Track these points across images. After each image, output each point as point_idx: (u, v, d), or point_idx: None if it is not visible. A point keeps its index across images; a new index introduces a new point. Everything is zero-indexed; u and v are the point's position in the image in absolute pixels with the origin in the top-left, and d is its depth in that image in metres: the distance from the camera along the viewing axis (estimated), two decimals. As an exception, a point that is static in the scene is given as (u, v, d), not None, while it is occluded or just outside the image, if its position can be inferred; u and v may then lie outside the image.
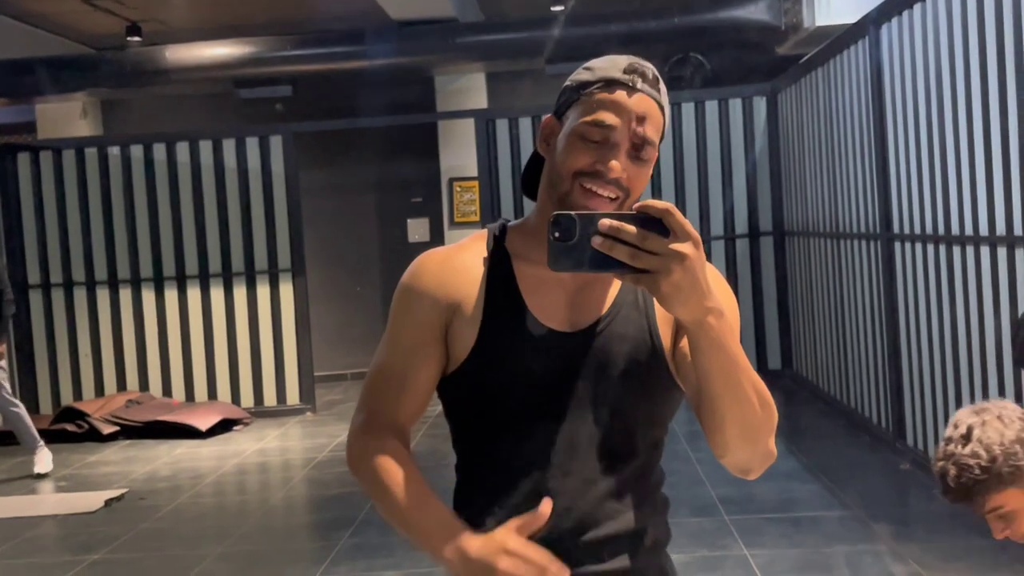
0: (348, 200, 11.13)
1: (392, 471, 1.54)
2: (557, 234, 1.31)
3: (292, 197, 9.18)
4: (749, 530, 5.16)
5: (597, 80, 1.52)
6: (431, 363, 1.58)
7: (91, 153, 9.35)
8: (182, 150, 9.28)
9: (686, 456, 6.71)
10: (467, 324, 1.55)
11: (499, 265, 1.59)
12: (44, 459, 7.34)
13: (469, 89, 10.47)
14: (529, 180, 1.67)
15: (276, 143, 9.19)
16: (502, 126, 9.26)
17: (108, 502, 6.48)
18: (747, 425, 1.42)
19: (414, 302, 1.59)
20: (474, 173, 9.69)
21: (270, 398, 9.22)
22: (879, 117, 6.33)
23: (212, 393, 9.25)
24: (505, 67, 9.96)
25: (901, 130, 6.02)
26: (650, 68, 1.53)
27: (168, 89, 9.71)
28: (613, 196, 1.50)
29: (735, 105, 9.15)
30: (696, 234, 1.30)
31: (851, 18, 7.16)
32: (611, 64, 1.53)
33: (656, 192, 9.07)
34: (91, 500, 6.54)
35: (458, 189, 10.37)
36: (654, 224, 1.29)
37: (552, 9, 9.76)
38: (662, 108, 1.54)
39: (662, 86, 1.54)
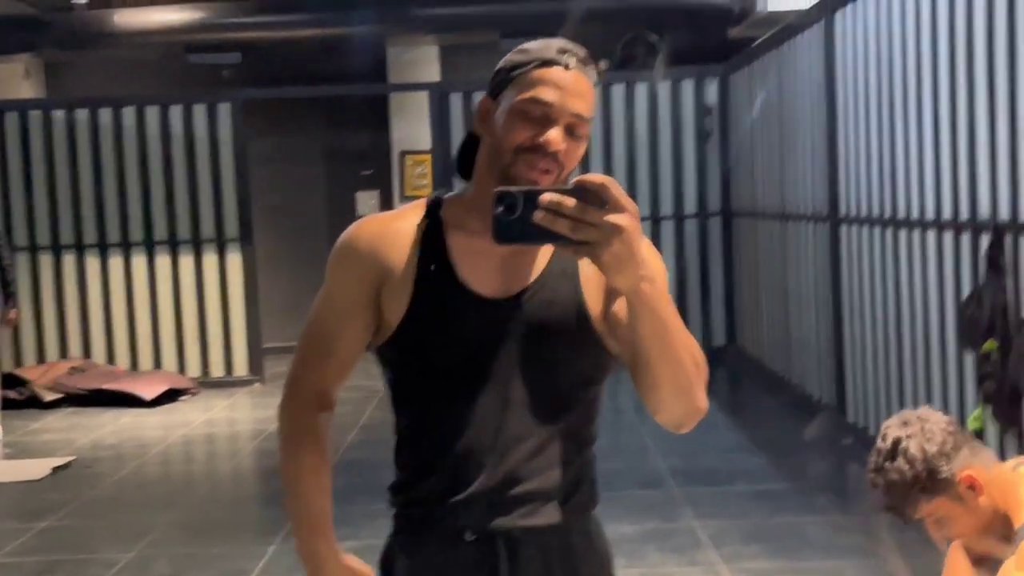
0: (297, 170, 11.08)
1: (304, 446, 1.73)
2: (501, 209, 1.37)
3: (240, 165, 9.12)
4: (697, 501, 5.31)
5: (532, 60, 1.59)
6: (359, 327, 1.66)
7: (35, 116, 9.18)
8: (128, 115, 9.15)
9: (635, 428, 6.84)
10: (398, 290, 1.62)
11: (433, 233, 1.65)
12: None
13: (421, 61, 10.46)
14: (463, 160, 1.72)
15: (225, 110, 9.11)
16: (456, 100, 9.25)
17: (55, 469, 6.42)
18: (680, 383, 1.51)
19: (347, 266, 1.66)
20: (426, 146, 9.69)
21: (217, 368, 9.18)
22: (830, 101, 6.47)
23: (158, 362, 9.18)
24: (459, 40, 9.96)
25: (852, 114, 6.17)
26: (582, 49, 1.61)
27: (116, 53, 9.58)
28: (549, 169, 1.57)
29: (687, 86, 9.26)
30: (633, 206, 1.36)
31: (803, 4, 7.29)
32: (545, 46, 1.60)
33: (608, 170, 9.16)
34: (37, 468, 6.49)
35: (410, 162, 10.37)
36: (592, 197, 1.35)
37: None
38: (594, 85, 1.61)
39: (592, 67, 1.61)
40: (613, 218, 1.34)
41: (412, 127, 10.31)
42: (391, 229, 1.66)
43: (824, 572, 4.43)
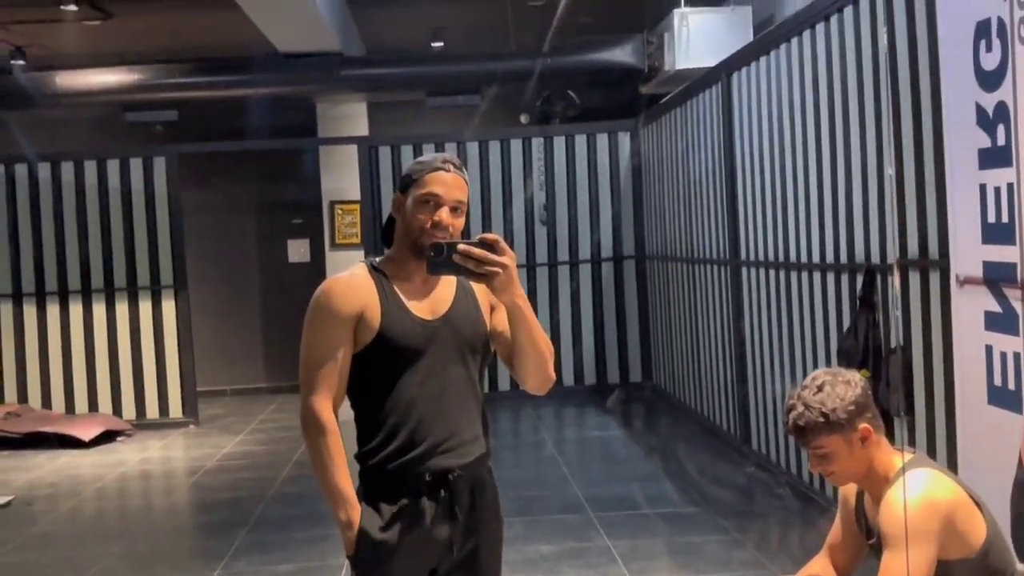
0: (231, 220, 11.41)
1: (328, 448, 2.44)
2: (433, 253, 2.35)
3: (175, 216, 9.46)
4: (611, 524, 5.69)
5: (425, 168, 2.48)
6: (349, 351, 2.47)
7: (-27, 170, 9.46)
8: (67, 170, 9.47)
9: (554, 461, 7.27)
10: (371, 319, 2.45)
11: (382, 282, 2.49)
12: None
13: (350, 116, 10.89)
14: (386, 233, 2.60)
15: (160, 164, 9.47)
16: (384, 152, 9.75)
17: (-5, 509, 6.58)
18: (539, 361, 2.50)
19: (331, 314, 2.46)
20: (356, 196, 10.11)
21: (152, 411, 9.44)
22: (729, 155, 7.05)
23: (93, 405, 9.42)
24: (386, 98, 10.43)
25: (748, 167, 6.74)
26: (457, 159, 2.53)
27: (55, 112, 9.85)
28: (444, 236, 2.42)
29: (602, 139, 9.87)
30: (512, 253, 2.36)
31: (707, 62, 7.88)
32: (433, 159, 2.50)
33: (529, 216, 9.73)
34: (-22, 507, 6.63)
35: (339, 212, 10.75)
36: (489, 247, 2.33)
37: (432, 45, 10.29)
38: (466, 181, 2.51)
39: (464, 169, 2.53)
40: (501, 259, 2.34)
41: (341, 178, 10.70)
42: (355, 283, 2.48)
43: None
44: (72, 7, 8.46)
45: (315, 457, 2.44)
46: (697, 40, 8.48)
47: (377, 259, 2.56)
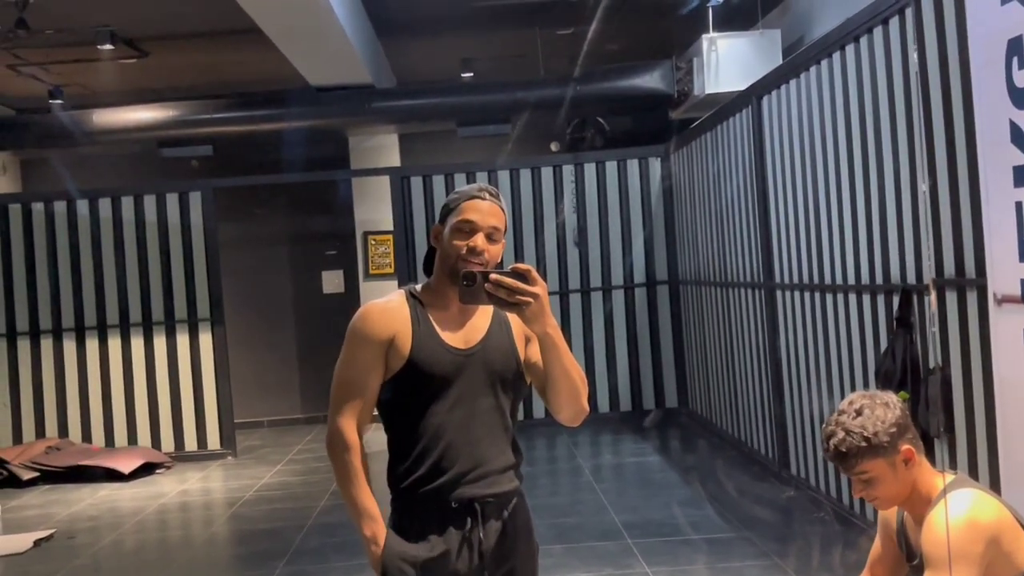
0: (266, 253, 11.52)
1: (352, 465, 2.49)
2: (465, 282, 2.35)
3: (211, 249, 9.56)
4: (650, 551, 5.66)
5: (462, 197, 2.51)
6: (379, 375, 2.50)
7: (14, 209, 9.63)
8: (104, 206, 9.60)
9: (591, 487, 7.24)
10: (402, 345, 2.48)
11: (417, 309, 2.52)
12: None
13: (382, 147, 11.02)
14: (427, 263, 2.63)
15: (196, 198, 9.58)
16: (416, 183, 9.83)
17: (37, 542, 6.64)
18: (572, 392, 2.48)
19: (366, 337, 2.50)
20: (388, 227, 10.19)
21: (191, 443, 9.50)
22: (761, 178, 7.04)
23: (132, 439, 9.50)
24: (417, 129, 10.51)
25: (780, 190, 6.73)
26: (494, 188, 2.56)
27: (93, 150, 10.01)
28: (481, 263, 2.44)
29: (632, 165, 9.89)
30: (544, 283, 2.35)
31: (737, 86, 7.89)
32: (470, 188, 2.54)
33: (561, 243, 9.75)
34: (20, 541, 6.69)
35: (372, 242, 10.84)
36: (521, 277, 2.33)
37: (462, 76, 10.37)
38: (503, 209, 2.53)
39: (501, 198, 2.55)
40: (533, 289, 2.34)
41: (374, 209, 10.82)
42: (390, 309, 2.52)
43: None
44: (108, 46, 8.61)
45: (339, 474, 2.50)
46: (726, 64, 8.51)
47: (418, 286, 2.59)
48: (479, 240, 2.45)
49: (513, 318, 2.52)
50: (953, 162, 4.42)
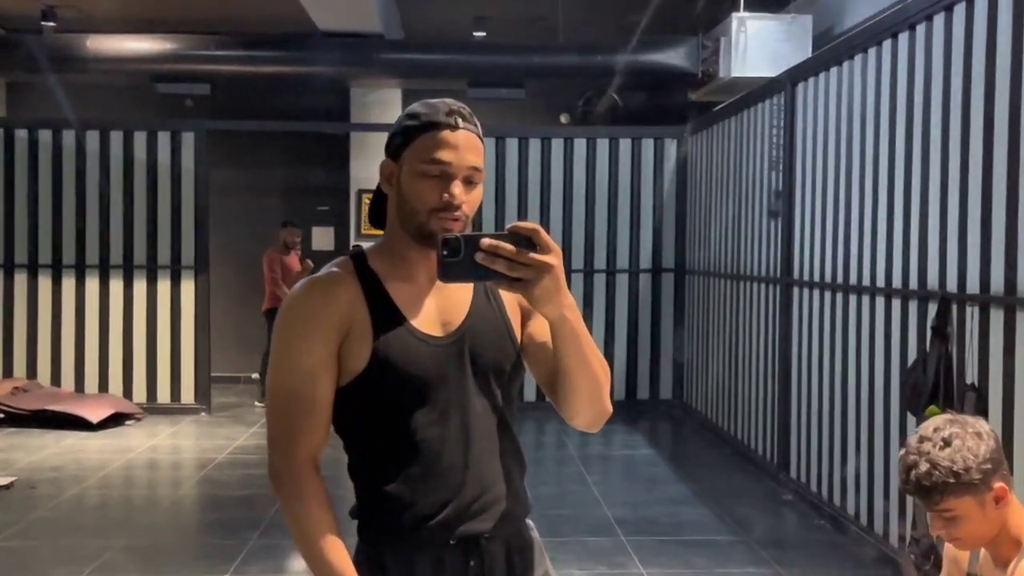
0: (256, 202, 11.12)
1: (311, 517, 1.75)
2: (446, 252, 1.61)
3: (200, 195, 9.15)
4: (644, 549, 5.39)
5: (424, 124, 1.76)
6: (330, 381, 1.78)
7: (-5, 133, 9.16)
8: (92, 138, 9.15)
9: (582, 479, 6.94)
10: (360, 339, 1.77)
11: (372, 285, 1.81)
12: None
13: (384, 102, 10.59)
14: (375, 212, 1.92)
15: (188, 139, 9.15)
16: (418, 142, 9.40)
17: (-4, 489, 6.33)
18: (593, 389, 1.80)
19: (307, 328, 1.77)
20: (385, 186, 9.78)
21: (164, 395, 9.13)
22: (788, 169, 6.70)
23: (104, 386, 9.11)
24: (423, 85, 10.11)
25: (809, 181, 6.40)
26: (465, 107, 1.80)
27: (84, 78, 9.56)
28: (458, 219, 1.76)
29: (647, 144, 9.50)
30: (558, 248, 1.61)
31: (762, 71, 7.56)
32: (433, 109, 1.78)
33: (567, 222, 9.37)
34: (-22, 486, 6.39)
35: (367, 201, 10.44)
36: (524, 241, 1.61)
37: (474, 35, 9.97)
38: (481, 139, 1.81)
39: (476, 121, 1.81)
40: (543, 257, 1.61)
41: (370, 166, 10.38)
42: (334, 288, 1.80)
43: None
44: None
45: (294, 528, 1.77)
46: (755, 47, 8.17)
47: (364, 246, 1.89)
48: (456, 189, 1.75)
49: None
50: (1016, 166, 4.09)
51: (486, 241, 1.59)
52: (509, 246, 1.60)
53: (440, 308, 1.83)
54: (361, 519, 1.84)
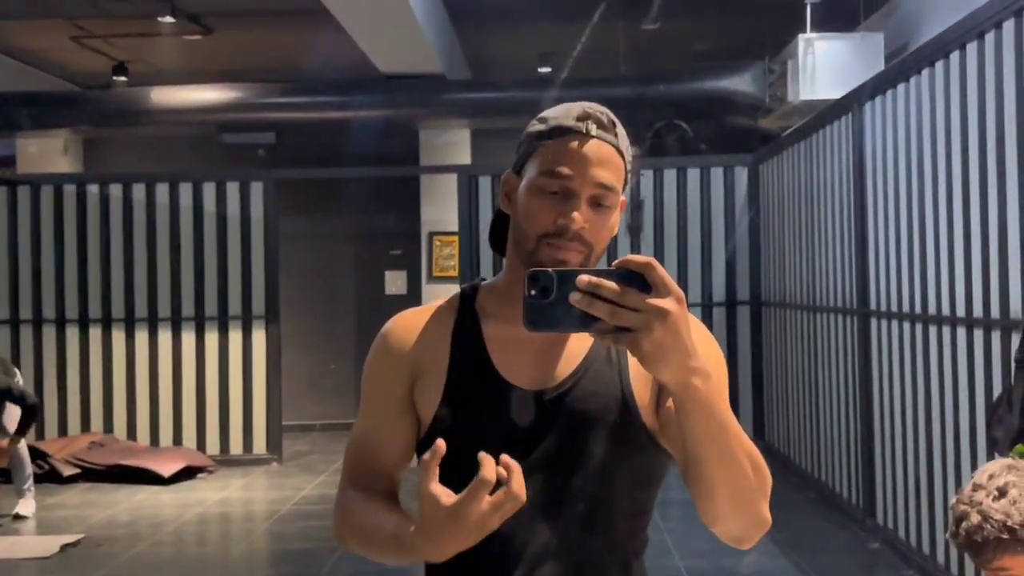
0: (327, 249, 11.10)
1: (365, 511, 1.47)
2: (533, 292, 1.23)
3: (270, 244, 9.12)
4: (717, 604, 5.09)
5: (550, 130, 1.45)
6: (404, 426, 1.51)
7: (69, 190, 9.27)
8: (161, 191, 9.22)
9: (655, 525, 6.61)
10: (431, 383, 1.49)
11: (467, 324, 1.52)
12: (30, 502, 7.19)
13: (453, 144, 10.49)
14: (496, 236, 1.61)
15: (257, 189, 9.15)
16: (484, 183, 9.24)
17: (64, 547, 6.31)
18: (738, 491, 1.32)
19: (382, 365, 1.54)
20: (454, 228, 9.66)
21: (236, 446, 9.09)
22: (859, 193, 6.35)
23: (177, 438, 9.11)
24: (490, 124, 9.98)
25: (881, 207, 6.04)
26: (605, 112, 1.47)
27: (151, 130, 9.68)
28: (578, 251, 1.43)
29: (716, 174, 9.19)
30: (679, 290, 1.21)
31: (833, 94, 7.22)
32: (564, 112, 1.47)
33: (635, 251, 9.07)
34: (46, 544, 6.38)
35: (438, 243, 10.34)
36: (634, 280, 1.21)
37: (539, 71, 9.82)
38: (621, 152, 1.46)
39: (620, 130, 1.47)
40: (657, 302, 1.18)
41: (441, 208, 10.31)
42: (422, 323, 1.54)
43: None
44: (169, 19, 8.26)
45: (348, 538, 1.50)
46: (823, 69, 7.82)
47: (485, 281, 1.60)
48: (576, 213, 1.42)
49: None
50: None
51: (584, 278, 1.19)
52: (612, 284, 1.19)
53: (544, 357, 1.48)
54: None
